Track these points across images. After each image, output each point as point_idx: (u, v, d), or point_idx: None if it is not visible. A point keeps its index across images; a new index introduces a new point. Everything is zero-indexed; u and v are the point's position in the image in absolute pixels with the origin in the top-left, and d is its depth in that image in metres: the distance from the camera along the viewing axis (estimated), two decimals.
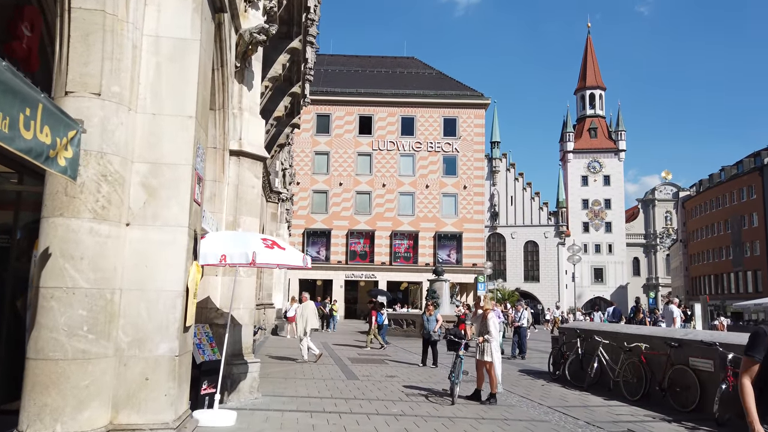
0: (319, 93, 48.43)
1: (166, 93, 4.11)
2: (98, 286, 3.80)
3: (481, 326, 9.08)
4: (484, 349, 8.84)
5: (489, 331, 8.82)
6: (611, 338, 10.35)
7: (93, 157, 3.81)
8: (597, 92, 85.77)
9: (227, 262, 5.83)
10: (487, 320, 8.89)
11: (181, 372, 4.01)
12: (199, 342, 7.06)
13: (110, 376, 3.85)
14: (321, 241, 47.44)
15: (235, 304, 7.77)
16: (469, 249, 47.45)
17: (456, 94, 49.31)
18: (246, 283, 7.99)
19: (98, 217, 3.79)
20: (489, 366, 8.77)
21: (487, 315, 8.95)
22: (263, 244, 6.09)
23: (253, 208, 8.17)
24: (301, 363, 13.33)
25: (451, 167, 48.36)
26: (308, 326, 13.89)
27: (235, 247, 5.94)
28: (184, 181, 4.15)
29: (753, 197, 57.24)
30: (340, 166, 48.16)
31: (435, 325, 13.94)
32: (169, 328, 4.00)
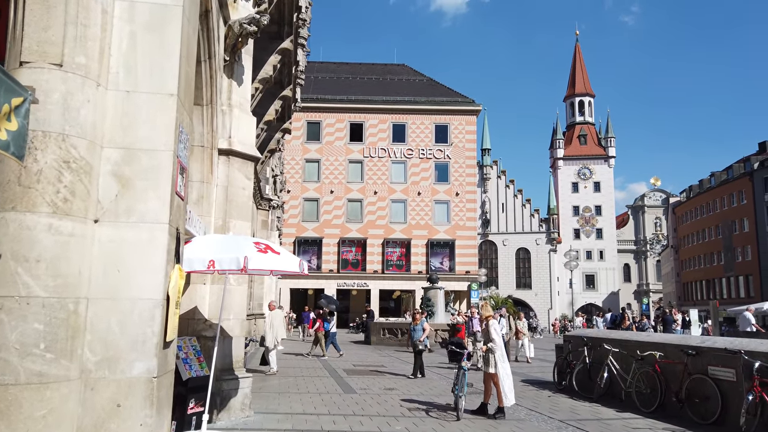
0: (310, 100, 47.97)
1: (143, 67, 3.52)
2: (59, 295, 3.17)
3: (483, 335, 8.57)
4: (488, 360, 8.31)
5: (492, 339, 8.29)
6: (621, 346, 9.86)
7: (53, 140, 3.19)
8: (586, 99, 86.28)
9: (216, 268, 5.26)
10: (488, 328, 8.37)
11: (160, 396, 3.39)
12: (186, 356, 6.47)
13: (73, 404, 3.21)
14: (312, 249, 46.77)
15: (224, 314, 7.20)
16: (462, 256, 47.00)
17: (447, 101, 49.07)
18: (236, 292, 7.41)
19: (59, 212, 3.17)
20: (495, 378, 8.24)
21: (488, 322, 8.43)
22: (255, 248, 5.54)
23: (244, 211, 7.62)
24: (273, 375, 12.75)
25: (443, 174, 48.00)
26: (278, 336, 13.31)
27: (224, 252, 5.38)
28: (163, 170, 3.54)
29: (743, 202, 57.40)
30: (331, 174, 47.63)
31: (421, 335, 13.35)
32: (146, 344, 3.37)
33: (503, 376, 8.19)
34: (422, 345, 13.18)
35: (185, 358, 6.45)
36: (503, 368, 8.24)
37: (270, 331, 13.12)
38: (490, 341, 8.26)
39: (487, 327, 8.37)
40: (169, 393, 3.71)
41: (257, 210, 22.62)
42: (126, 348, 3.27)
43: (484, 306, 8.75)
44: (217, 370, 7.07)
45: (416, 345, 13.20)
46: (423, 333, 13.35)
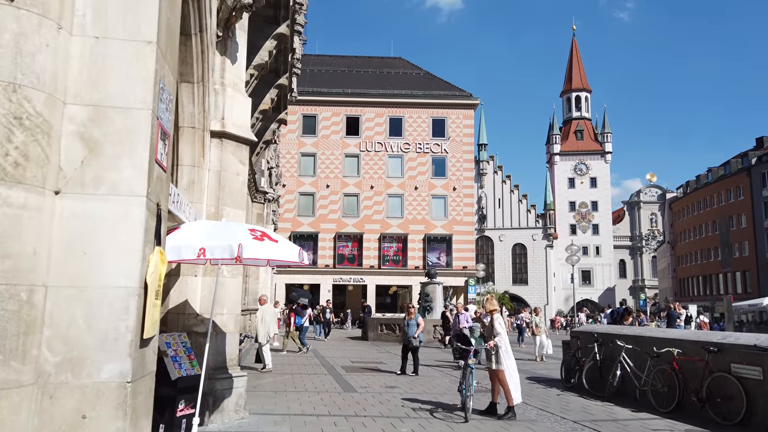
0: (305, 93, 47.28)
1: (115, 9, 2.94)
2: (7, 281, 2.57)
3: (487, 330, 8.07)
4: (495, 356, 7.82)
5: (498, 333, 7.82)
6: (635, 343, 9.41)
7: (1, 90, 2.61)
8: (583, 94, 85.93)
9: (207, 257, 4.74)
10: (494, 323, 7.88)
11: (136, 404, 2.89)
12: (175, 354, 5.96)
13: (26, 415, 2.62)
14: (308, 244, 46.15)
15: (217, 309, 6.68)
16: (459, 252, 46.56)
17: (444, 94, 48.53)
18: (230, 284, 6.89)
19: (8, 179, 2.59)
20: (501, 375, 7.75)
21: (493, 316, 7.93)
22: (251, 235, 5.02)
23: (238, 198, 7.09)
24: (269, 372, 12.24)
25: (440, 168, 47.50)
26: (271, 331, 12.78)
27: (216, 239, 4.85)
28: (140, 133, 2.94)
29: (741, 198, 57.21)
30: (327, 168, 47.05)
31: (416, 330, 12.70)
32: (119, 342, 2.79)
33: (510, 373, 7.72)
34: (416, 341, 12.58)
35: (174, 355, 5.94)
36: (509, 365, 7.76)
37: (261, 327, 12.57)
38: (496, 336, 7.78)
39: (492, 321, 7.89)
40: (148, 400, 3.16)
41: (252, 203, 22.07)
42: (93, 346, 2.69)
43: (490, 300, 8.25)
44: (210, 369, 6.56)
45: (411, 341, 12.57)
46: (418, 328, 12.70)
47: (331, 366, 13.99)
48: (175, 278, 6.58)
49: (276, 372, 12.44)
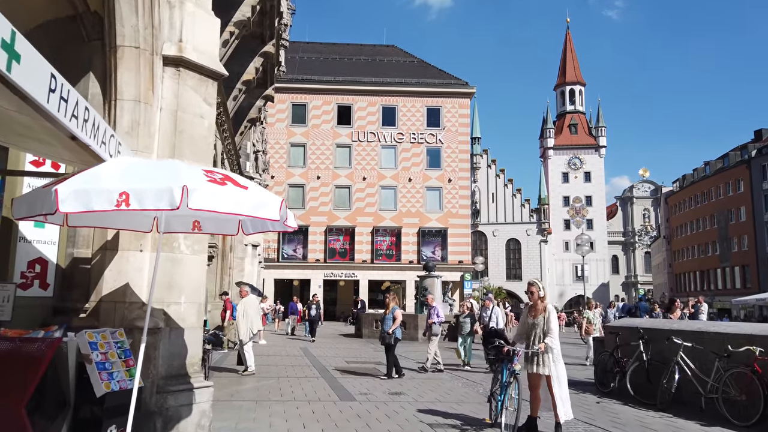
0: (295, 81, 45.40)
1: None
2: None
3: (535, 325, 6.13)
4: (541, 359, 6.05)
5: (550, 330, 6.00)
6: (695, 340, 7.73)
7: None
8: (577, 88, 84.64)
9: (133, 206, 2.96)
10: (547, 317, 6.11)
11: None
12: (104, 360, 4.16)
13: None
14: (298, 238, 44.35)
15: (172, 295, 4.90)
16: (454, 245, 44.93)
17: (439, 83, 46.82)
18: (190, 263, 5.09)
19: None
20: (549, 382, 6.02)
21: (546, 309, 6.18)
22: (205, 176, 3.26)
23: (202, 148, 5.29)
24: (251, 375, 10.45)
25: (435, 159, 45.81)
26: (254, 327, 10.96)
27: (148, 180, 3.08)
28: None
29: (740, 191, 56.09)
30: (317, 159, 45.17)
31: (391, 325, 10.88)
32: None
33: (559, 379, 5.96)
34: (390, 338, 10.79)
35: (103, 361, 4.14)
36: (559, 370, 6.01)
37: (243, 322, 10.77)
38: (548, 333, 5.99)
39: (547, 315, 6.07)
40: None
41: None
42: None
43: (535, 286, 6.23)
44: (160, 378, 4.77)
45: (384, 338, 10.86)
46: (393, 323, 10.92)
47: (323, 367, 12.23)
48: (112, 253, 4.78)
49: (259, 375, 10.65)
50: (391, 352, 10.79)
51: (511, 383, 6.06)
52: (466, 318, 13.05)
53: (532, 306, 6.23)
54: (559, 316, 34.02)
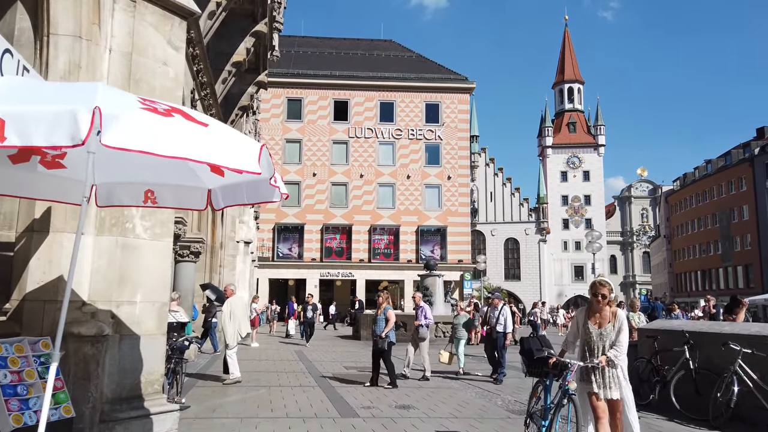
0: (290, 75, 44.23)
1: None
2: None
3: (602, 336, 4.56)
4: (612, 379, 4.48)
5: (619, 342, 4.51)
6: (756, 345, 6.61)
7: None
8: (575, 86, 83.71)
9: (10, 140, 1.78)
10: (619, 326, 4.53)
11: None
12: (17, 381, 2.99)
13: None
14: (293, 237, 43.16)
15: (123, 292, 3.73)
16: (454, 244, 43.80)
17: (438, 78, 45.68)
18: (148, 249, 3.92)
19: None
20: (617, 408, 4.53)
21: (615, 314, 4.60)
22: (138, 103, 2.09)
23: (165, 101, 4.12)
24: (235, 384, 9.27)
25: (434, 156, 44.68)
26: (242, 330, 9.72)
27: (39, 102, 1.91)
28: None
29: (743, 189, 55.19)
30: (313, 155, 43.96)
31: (383, 328, 9.65)
32: None
33: (627, 404, 4.57)
34: (384, 343, 9.54)
35: (13, 385, 2.96)
36: (627, 392, 4.57)
37: (230, 325, 9.55)
38: (615, 345, 4.49)
39: (619, 325, 4.54)
40: None
41: None
42: None
43: (601, 283, 4.59)
44: (104, 403, 3.59)
45: (376, 342, 9.61)
46: (386, 325, 9.68)
47: (319, 374, 11.06)
48: (40, 237, 3.60)
49: (248, 383, 9.48)
50: (386, 358, 9.54)
51: (564, 405, 4.79)
52: (460, 321, 11.87)
53: (594, 310, 4.63)
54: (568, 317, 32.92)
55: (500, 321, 10.96)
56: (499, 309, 11.17)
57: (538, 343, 5.16)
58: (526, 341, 5.28)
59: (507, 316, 11.09)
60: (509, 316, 11.22)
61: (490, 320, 11.37)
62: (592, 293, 4.63)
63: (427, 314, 11.10)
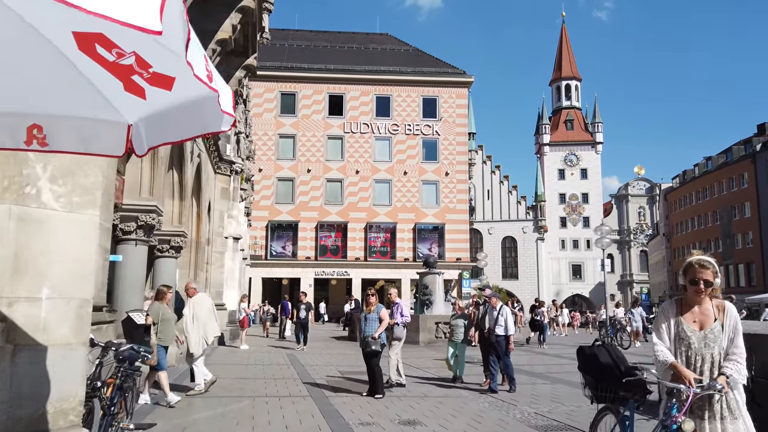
0: (284, 69, 43.08)
1: None
2: None
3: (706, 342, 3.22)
4: (724, 407, 3.09)
5: (735, 350, 3.17)
6: None
7: None
8: (573, 83, 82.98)
9: None
10: (733, 324, 3.23)
11: None
12: None
13: None
14: (287, 235, 42.00)
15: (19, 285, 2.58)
16: (452, 242, 42.75)
17: (436, 71, 44.61)
18: (59, 226, 2.79)
19: None
20: None
21: (725, 309, 3.28)
22: None
23: None
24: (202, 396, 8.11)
25: (432, 152, 43.61)
26: (208, 335, 8.32)
27: None
28: None
29: (744, 186, 54.38)
30: (308, 151, 42.81)
31: (376, 329, 8.48)
32: None
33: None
34: (376, 344, 8.37)
35: None
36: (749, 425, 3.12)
37: (193, 329, 8.16)
38: (730, 356, 3.17)
39: (733, 323, 3.23)
40: None
41: (215, 174, 17.87)
42: None
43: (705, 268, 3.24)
44: None
45: (368, 344, 8.38)
46: (379, 326, 8.49)
47: (312, 381, 9.93)
48: None
49: (230, 393, 8.33)
50: (375, 362, 8.38)
51: None
52: (458, 320, 10.44)
53: (691, 303, 3.33)
54: (573, 316, 31.78)
55: (500, 322, 9.56)
56: (498, 309, 9.77)
57: (606, 355, 3.92)
58: (597, 353, 3.94)
59: (507, 317, 9.65)
60: (510, 317, 9.76)
61: (482, 322, 9.85)
62: (688, 279, 3.26)
63: (403, 311, 9.86)
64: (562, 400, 8.37)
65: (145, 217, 8.80)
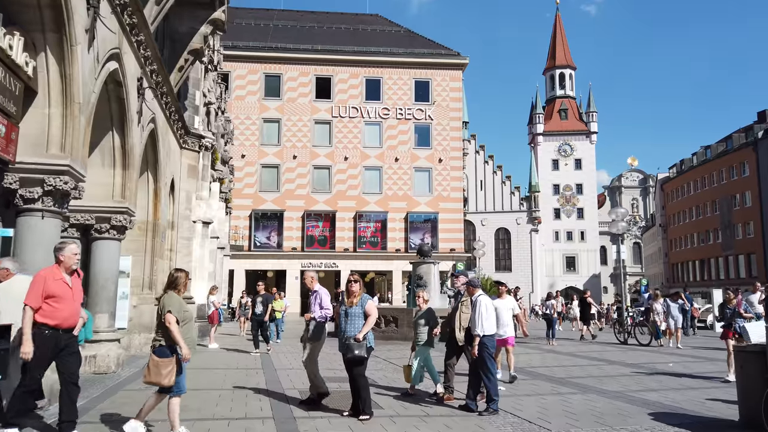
0: (268, 49, 40.74)
1: None
2: None
3: None
4: None
5: None
6: None
7: None
8: (567, 72, 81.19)
9: None
10: None
11: None
12: None
13: None
14: (272, 224, 39.78)
15: None
16: (446, 232, 40.76)
17: (428, 53, 42.43)
18: None
19: None
20: None
21: None
22: None
23: None
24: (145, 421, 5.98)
25: (424, 137, 41.48)
26: None
27: None
28: None
29: (745, 174, 52.80)
30: (293, 136, 40.52)
31: (359, 327, 6.29)
32: None
33: None
34: (361, 349, 6.23)
35: None
36: None
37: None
38: None
39: None
40: None
41: (180, 149, 15.63)
42: None
43: None
44: None
45: (349, 348, 6.24)
46: (365, 324, 6.31)
47: (281, 392, 7.83)
48: None
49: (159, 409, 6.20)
50: (360, 372, 6.26)
51: None
52: (421, 319, 7.95)
53: None
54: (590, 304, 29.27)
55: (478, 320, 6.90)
56: (476, 299, 7.09)
57: None
58: None
59: (482, 310, 6.95)
60: (487, 310, 7.01)
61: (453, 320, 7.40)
62: None
63: (324, 302, 7.14)
64: (608, 420, 6.34)
65: (53, 181, 6.60)
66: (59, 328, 4.94)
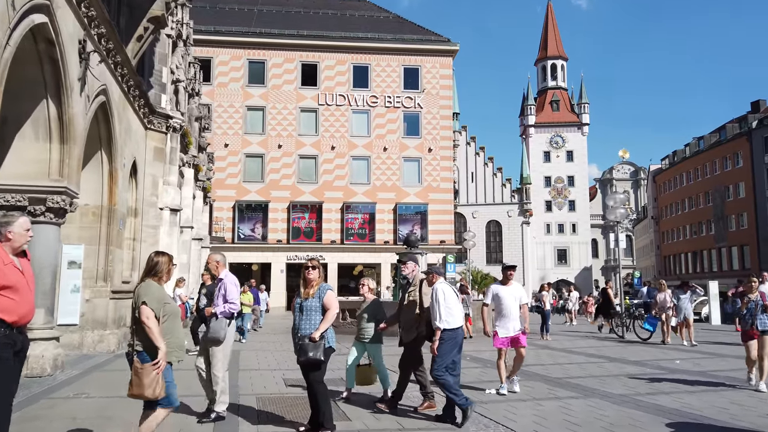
0: (251, 34, 39.30)
1: None
2: None
3: None
4: None
5: None
6: None
7: None
8: (559, 62, 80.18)
9: None
10: None
11: None
12: None
13: None
14: (256, 216, 38.49)
15: None
16: (436, 224, 39.66)
17: (418, 39, 41.16)
18: None
19: None
20: None
21: None
22: None
23: None
24: None
25: (414, 126, 40.26)
26: None
27: None
28: None
29: (739, 165, 52.14)
30: (278, 125, 39.17)
31: (316, 323, 5.09)
32: None
33: None
34: (317, 351, 4.99)
35: None
36: None
37: None
38: None
39: None
40: None
41: (146, 130, 14.36)
42: None
43: None
44: None
45: (304, 349, 5.01)
46: (323, 320, 5.11)
47: (235, 400, 6.68)
48: None
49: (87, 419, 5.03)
50: (318, 378, 5.08)
51: None
52: (365, 312, 6.91)
53: None
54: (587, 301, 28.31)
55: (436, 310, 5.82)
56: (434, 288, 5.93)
57: None
58: None
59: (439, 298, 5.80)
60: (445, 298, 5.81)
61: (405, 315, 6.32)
62: None
63: (229, 294, 5.83)
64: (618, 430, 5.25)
65: None
66: (16, 325, 3.57)
